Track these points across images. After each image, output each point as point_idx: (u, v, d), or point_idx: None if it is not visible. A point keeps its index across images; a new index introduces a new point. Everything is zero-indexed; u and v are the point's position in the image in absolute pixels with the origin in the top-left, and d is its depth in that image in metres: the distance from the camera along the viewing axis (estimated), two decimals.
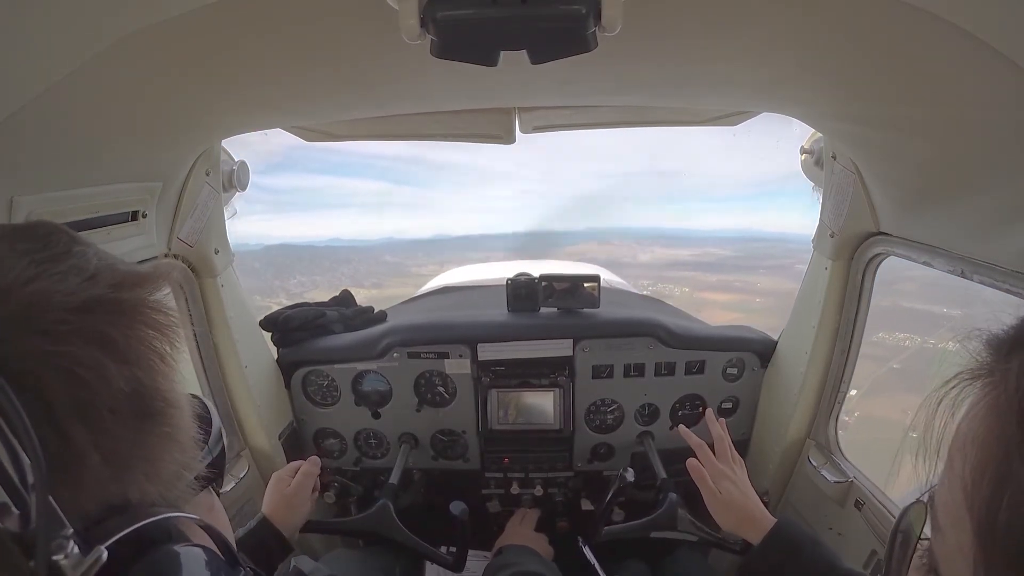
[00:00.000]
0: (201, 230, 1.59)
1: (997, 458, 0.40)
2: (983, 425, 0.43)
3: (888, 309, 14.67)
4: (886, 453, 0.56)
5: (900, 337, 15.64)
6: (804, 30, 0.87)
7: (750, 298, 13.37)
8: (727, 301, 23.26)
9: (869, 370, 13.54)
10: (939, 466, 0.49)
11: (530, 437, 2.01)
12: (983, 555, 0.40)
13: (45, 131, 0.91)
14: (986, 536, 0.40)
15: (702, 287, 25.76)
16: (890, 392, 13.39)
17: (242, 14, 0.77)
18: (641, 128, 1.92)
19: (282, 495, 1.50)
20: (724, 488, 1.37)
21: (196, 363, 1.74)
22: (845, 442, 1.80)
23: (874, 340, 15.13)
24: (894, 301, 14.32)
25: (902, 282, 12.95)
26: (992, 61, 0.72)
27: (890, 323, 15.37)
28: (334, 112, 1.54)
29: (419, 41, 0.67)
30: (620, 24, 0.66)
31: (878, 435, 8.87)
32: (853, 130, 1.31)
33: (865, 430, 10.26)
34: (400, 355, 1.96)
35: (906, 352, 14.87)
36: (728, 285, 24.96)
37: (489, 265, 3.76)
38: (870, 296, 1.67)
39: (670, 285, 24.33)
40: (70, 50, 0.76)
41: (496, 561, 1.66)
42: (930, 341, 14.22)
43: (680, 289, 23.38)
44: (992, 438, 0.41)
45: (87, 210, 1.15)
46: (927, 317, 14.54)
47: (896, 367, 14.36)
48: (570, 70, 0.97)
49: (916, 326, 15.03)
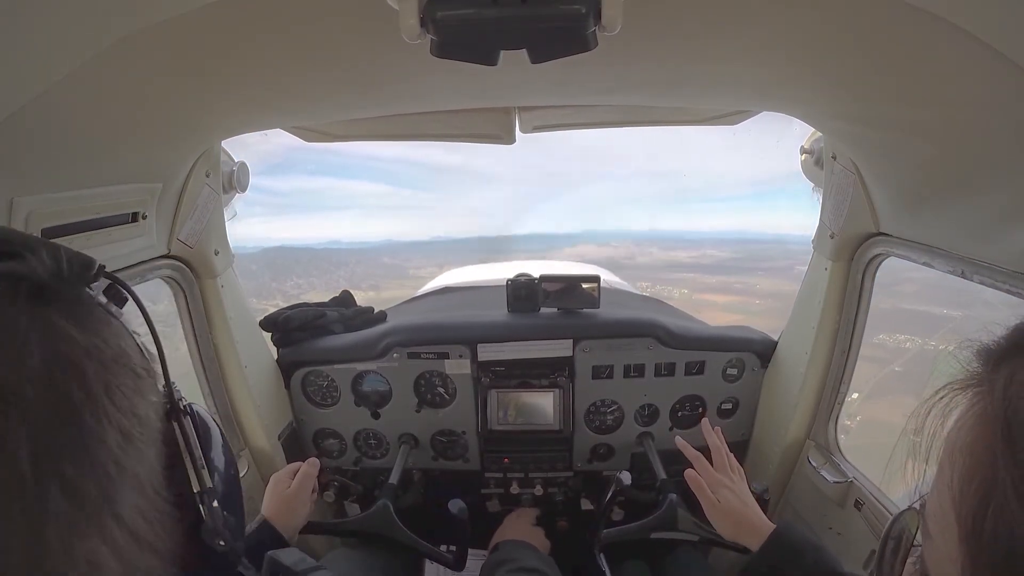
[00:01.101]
0: (201, 231, 1.59)
1: (984, 467, 0.41)
2: (971, 434, 0.44)
3: (888, 311, 14.61)
4: (889, 457, 0.57)
5: (901, 339, 15.56)
6: (804, 30, 0.87)
7: (750, 300, 13.29)
8: (727, 303, 23.17)
9: (870, 373, 13.48)
10: (929, 474, 0.50)
11: (530, 437, 2.01)
12: (970, 562, 0.41)
13: (45, 131, 0.91)
14: (973, 544, 0.40)
15: (701, 289, 25.66)
16: (892, 395, 13.32)
17: (242, 14, 0.77)
18: (640, 128, 1.92)
19: (281, 497, 1.50)
20: (723, 497, 1.38)
21: (196, 363, 1.74)
22: (847, 446, 1.80)
23: (875, 342, 15.03)
24: (894, 303, 14.27)
25: (902, 283, 12.93)
26: (992, 61, 0.72)
27: (891, 325, 15.31)
28: (334, 112, 1.54)
29: (419, 41, 0.67)
30: (620, 24, 0.66)
31: (881, 439, 8.89)
32: (853, 130, 1.31)
33: (867, 434, 10.24)
34: (400, 355, 1.96)
35: (907, 354, 14.82)
36: (728, 287, 24.88)
37: (489, 266, 3.76)
38: (870, 297, 1.67)
39: (669, 287, 24.24)
40: (70, 50, 0.76)
41: (493, 557, 1.66)
42: (931, 343, 14.18)
43: (679, 291, 23.27)
44: (979, 447, 0.42)
45: (87, 211, 1.15)
46: (928, 319, 14.52)
47: (898, 369, 14.29)
48: (570, 70, 0.97)
49: (917, 328, 14.99)
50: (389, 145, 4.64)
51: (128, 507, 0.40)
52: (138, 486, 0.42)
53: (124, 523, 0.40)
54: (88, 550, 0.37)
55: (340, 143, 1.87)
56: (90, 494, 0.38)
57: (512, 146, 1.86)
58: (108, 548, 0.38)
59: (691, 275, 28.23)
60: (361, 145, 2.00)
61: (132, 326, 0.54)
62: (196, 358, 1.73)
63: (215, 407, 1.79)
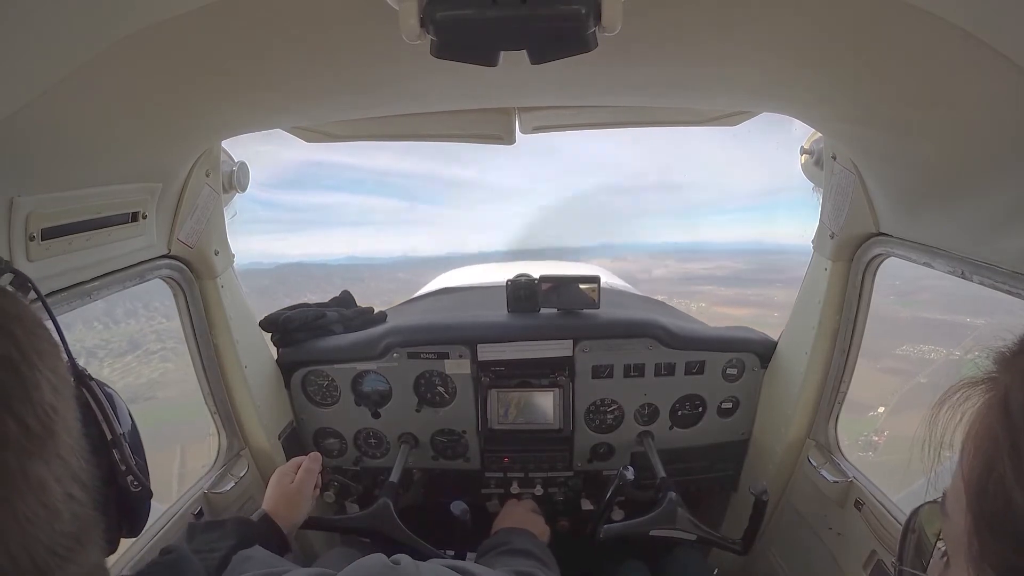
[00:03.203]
0: (201, 231, 1.59)
1: (987, 442, 0.48)
2: (981, 422, 0.50)
3: (909, 320, 14.37)
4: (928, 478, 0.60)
5: (925, 349, 15.31)
6: (804, 31, 0.87)
7: (767, 312, 12.98)
8: (744, 316, 22.83)
9: (894, 386, 13.23)
10: (939, 467, 0.55)
11: (530, 437, 2.01)
12: (973, 524, 0.47)
13: (45, 131, 0.91)
14: (975, 507, 0.47)
15: (719, 302, 25.32)
16: (920, 408, 13.07)
17: (242, 14, 0.77)
18: (641, 128, 1.92)
19: (283, 491, 1.50)
20: None
21: (196, 363, 1.74)
22: (875, 463, 1.78)
23: (898, 354, 14.74)
24: (914, 312, 14.02)
25: (919, 292, 12.77)
26: (992, 61, 0.72)
27: (914, 335, 15.04)
28: (334, 112, 1.54)
29: (419, 41, 0.67)
30: (620, 24, 0.66)
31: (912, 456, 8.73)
32: (853, 130, 1.31)
33: (897, 451, 10.07)
34: (400, 355, 1.96)
35: (932, 365, 14.57)
36: (745, 299, 24.59)
37: (489, 266, 3.75)
38: (870, 297, 1.67)
39: (686, 300, 23.95)
40: (70, 50, 0.76)
41: (488, 542, 1.66)
42: (955, 353, 13.92)
43: (697, 304, 23.04)
44: (984, 428, 0.49)
45: (87, 211, 1.15)
46: (951, 327, 14.24)
47: (923, 381, 13.99)
48: (570, 70, 0.97)
49: (941, 338, 14.73)
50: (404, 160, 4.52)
51: (62, 442, 0.50)
52: (68, 428, 0.51)
53: (60, 454, 0.49)
54: (36, 473, 0.46)
55: (355, 159, 1.88)
56: (35, 428, 0.46)
57: (527, 160, 1.87)
58: (50, 473, 0.47)
59: (708, 288, 28.00)
60: (376, 160, 2.00)
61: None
62: (196, 358, 1.73)
63: (215, 407, 1.79)
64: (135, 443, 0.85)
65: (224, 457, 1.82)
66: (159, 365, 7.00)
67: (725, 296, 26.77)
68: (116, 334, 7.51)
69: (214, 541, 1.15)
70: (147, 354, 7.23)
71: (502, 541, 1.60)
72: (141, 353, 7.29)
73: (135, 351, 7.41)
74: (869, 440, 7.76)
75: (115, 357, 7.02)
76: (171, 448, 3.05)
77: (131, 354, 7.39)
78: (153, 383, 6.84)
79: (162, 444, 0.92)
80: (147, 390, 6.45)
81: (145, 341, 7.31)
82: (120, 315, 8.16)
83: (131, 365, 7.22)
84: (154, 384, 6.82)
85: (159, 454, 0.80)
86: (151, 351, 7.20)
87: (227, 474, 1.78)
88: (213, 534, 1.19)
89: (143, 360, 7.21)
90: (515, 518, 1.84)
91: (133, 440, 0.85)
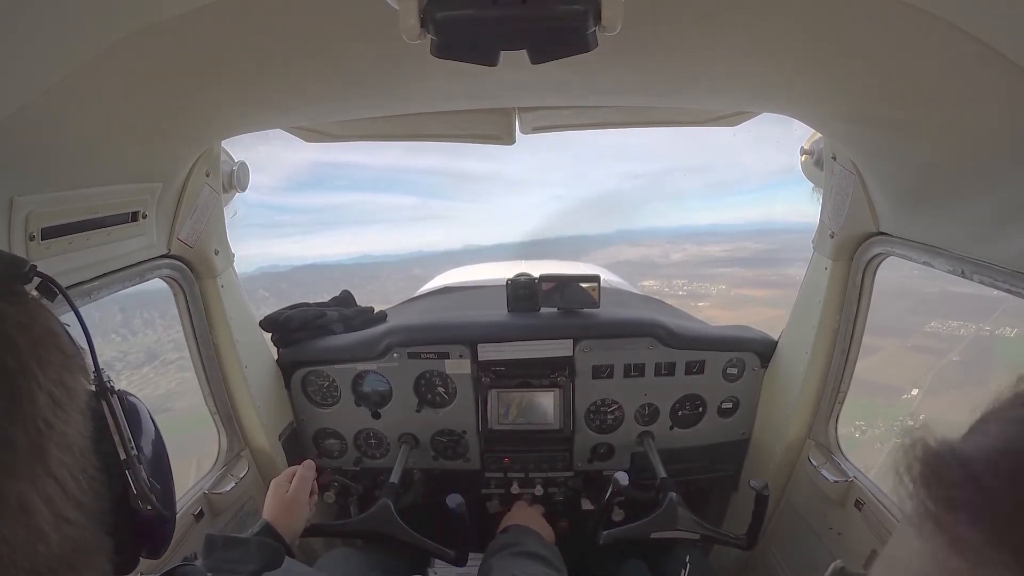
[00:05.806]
0: (201, 231, 1.59)
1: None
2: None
3: (937, 295, 13.68)
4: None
5: (954, 326, 14.61)
6: (804, 31, 0.87)
7: (789, 293, 12.75)
8: (765, 296, 22.27)
9: (927, 364, 12.61)
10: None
11: (530, 437, 2.01)
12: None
13: (45, 131, 0.91)
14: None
15: (739, 283, 24.76)
16: (956, 388, 11.78)
17: (241, 15, 0.77)
18: (640, 128, 1.92)
19: (281, 500, 1.50)
20: None
21: (196, 363, 1.74)
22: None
23: (927, 331, 14.10)
24: (942, 286, 13.29)
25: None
26: (992, 61, 0.72)
27: (942, 311, 14.43)
28: (334, 112, 1.54)
29: (419, 41, 0.67)
30: (620, 24, 0.66)
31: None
32: (853, 130, 1.31)
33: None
34: (400, 355, 1.96)
35: (963, 342, 13.90)
36: (766, 280, 24.04)
37: (489, 265, 3.75)
38: (870, 296, 1.67)
39: (706, 283, 23.42)
40: (70, 50, 0.76)
41: (500, 539, 1.66)
42: (986, 328, 13.20)
43: (717, 287, 22.51)
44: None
45: (87, 211, 1.15)
46: (979, 301, 13.45)
47: (956, 359, 13.30)
48: (570, 70, 0.97)
49: (969, 312, 14.04)
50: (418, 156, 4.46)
51: (55, 460, 0.47)
52: (66, 444, 0.48)
53: (52, 474, 0.46)
54: (19, 492, 0.43)
55: (368, 158, 1.90)
56: (21, 443, 0.44)
57: (539, 151, 1.86)
58: (37, 494, 0.44)
59: (728, 270, 27.50)
60: (389, 157, 2.00)
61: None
62: (196, 358, 1.73)
63: (215, 407, 1.79)
64: (159, 461, 0.75)
65: (224, 457, 1.82)
66: (175, 375, 6.95)
67: (745, 277, 26.32)
68: (135, 345, 7.52)
69: (235, 562, 1.09)
70: (164, 364, 7.18)
71: (513, 541, 1.60)
72: (159, 364, 7.27)
73: (152, 362, 7.42)
74: (905, 426, 7.27)
75: (132, 369, 7.01)
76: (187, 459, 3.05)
77: (148, 365, 7.39)
78: (170, 394, 6.78)
79: (177, 457, 0.93)
80: (164, 401, 6.41)
81: (163, 351, 7.31)
82: (138, 325, 8.18)
83: (148, 376, 7.20)
84: (171, 396, 6.77)
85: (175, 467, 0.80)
86: (168, 361, 7.17)
87: (227, 475, 1.78)
88: (233, 552, 1.12)
89: (160, 371, 7.17)
90: (525, 517, 1.85)
91: (157, 458, 0.74)
